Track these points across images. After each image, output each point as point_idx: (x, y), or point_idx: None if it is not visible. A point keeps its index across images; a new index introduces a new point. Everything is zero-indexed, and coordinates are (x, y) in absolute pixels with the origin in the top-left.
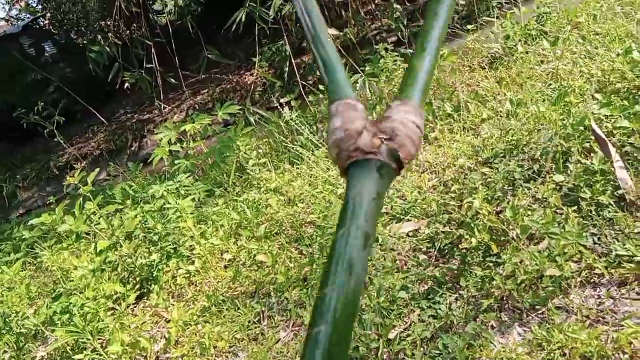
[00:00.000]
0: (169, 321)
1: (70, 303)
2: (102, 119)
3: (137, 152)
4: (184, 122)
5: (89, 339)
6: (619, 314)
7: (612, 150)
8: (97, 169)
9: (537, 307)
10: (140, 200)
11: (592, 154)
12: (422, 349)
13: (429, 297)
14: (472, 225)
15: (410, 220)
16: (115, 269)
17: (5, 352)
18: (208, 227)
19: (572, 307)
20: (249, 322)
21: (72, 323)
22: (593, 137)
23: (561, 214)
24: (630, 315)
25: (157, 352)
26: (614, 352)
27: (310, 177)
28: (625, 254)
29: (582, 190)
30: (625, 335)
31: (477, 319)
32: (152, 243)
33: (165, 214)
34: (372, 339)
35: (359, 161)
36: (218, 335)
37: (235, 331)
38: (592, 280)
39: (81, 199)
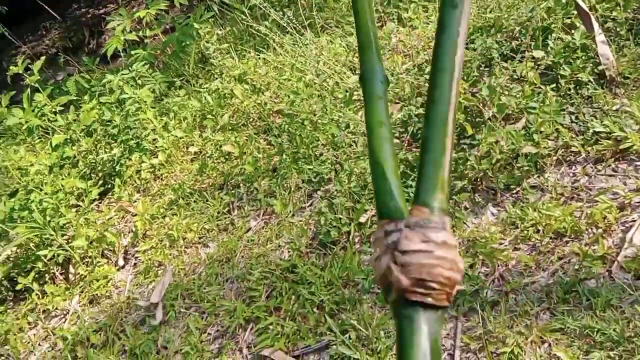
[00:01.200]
0: (135, 215)
1: (29, 199)
2: (56, 15)
3: (96, 49)
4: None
5: (52, 235)
6: (593, 190)
7: (595, 24)
8: (43, 58)
9: (511, 187)
10: (96, 93)
11: (573, 30)
12: None
13: (402, 180)
14: None
15: None
16: (76, 165)
17: None
18: (170, 120)
19: (547, 186)
20: (218, 213)
21: (32, 219)
22: (575, 11)
23: (539, 92)
24: (605, 191)
25: (126, 246)
26: (588, 227)
27: (278, 63)
28: (603, 131)
29: (561, 67)
30: (600, 211)
31: (451, 201)
32: (112, 137)
33: (124, 107)
34: (344, 222)
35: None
36: (187, 227)
37: (205, 222)
38: (568, 158)
39: (29, 90)
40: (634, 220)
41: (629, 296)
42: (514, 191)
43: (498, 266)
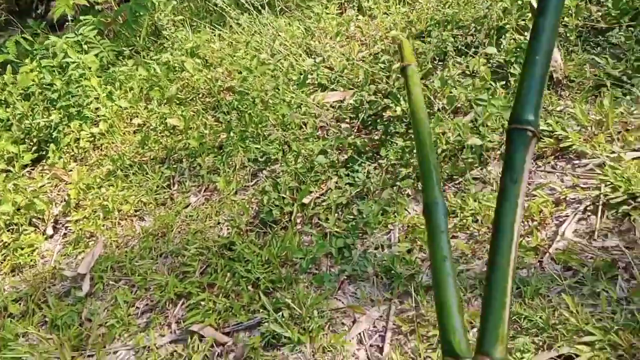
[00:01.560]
0: (69, 184)
1: None
2: None
3: (44, 15)
4: None
5: None
6: (532, 185)
7: None
8: None
9: (454, 177)
10: (38, 56)
11: (526, 32)
12: (336, 214)
13: (348, 165)
14: (399, 95)
15: (336, 90)
16: (9, 129)
17: None
18: (115, 89)
19: (489, 178)
20: (157, 186)
21: None
22: (530, 14)
23: (489, 88)
24: (543, 186)
25: (56, 215)
26: (524, 220)
27: (233, 40)
28: (545, 129)
29: (512, 66)
30: (537, 204)
31: (394, 187)
32: (51, 102)
33: (66, 71)
34: (287, 202)
35: None
36: (123, 198)
37: (142, 195)
38: None
39: None
40: (568, 216)
41: (557, 286)
42: (457, 182)
43: None
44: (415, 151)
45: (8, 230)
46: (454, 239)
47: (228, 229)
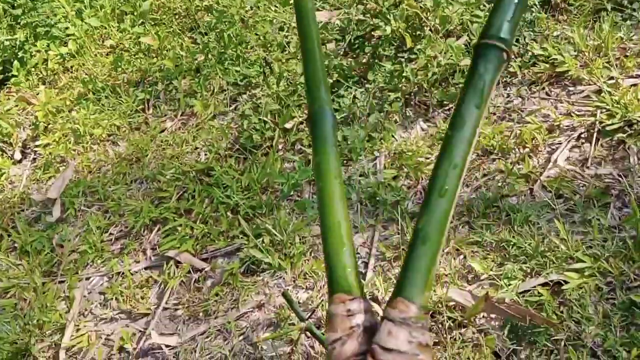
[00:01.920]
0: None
1: None
2: None
3: None
4: None
5: None
6: (525, 112)
7: None
8: None
9: (444, 103)
10: None
11: None
12: None
13: (333, 90)
14: (389, 14)
15: (323, 10)
16: None
17: None
18: (85, 7)
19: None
20: (131, 110)
21: None
22: None
23: (483, 10)
24: (536, 111)
25: (25, 140)
26: (516, 147)
27: None
28: (541, 54)
29: None
30: (529, 131)
31: (382, 112)
32: (14, 19)
33: None
34: (268, 127)
35: None
36: (95, 122)
37: (115, 119)
38: (504, 79)
39: None
40: (560, 143)
41: (547, 214)
42: (447, 107)
43: (422, 179)
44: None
45: None
46: None
47: (206, 154)
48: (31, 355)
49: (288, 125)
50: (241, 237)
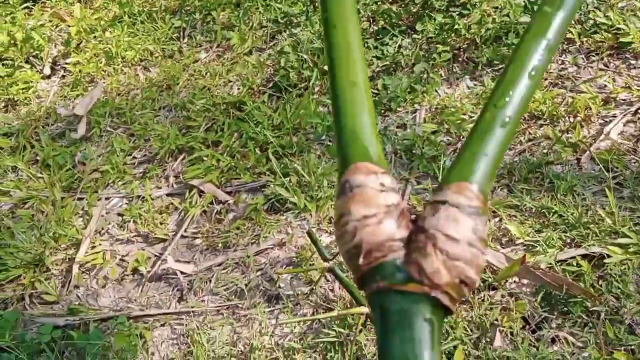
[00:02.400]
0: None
1: None
2: None
3: None
4: None
5: None
6: (579, 80)
7: None
8: None
9: (494, 62)
10: None
11: None
12: None
13: (378, 37)
14: None
15: None
16: None
17: None
18: None
19: None
20: (166, 37)
21: None
22: None
23: None
24: (591, 81)
25: (55, 56)
26: (566, 114)
27: None
28: (604, 23)
29: None
30: (583, 99)
31: (428, 63)
32: None
33: None
34: (306, 66)
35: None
36: (128, 45)
37: (149, 44)
38: (561, 46)
39: None
40: (615, 116)
41: (593, 185)
42: (496, 67)
43: (462, 137)
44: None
45: (3, 64)
46: None
47: (239, 88)
48: (44, 265)
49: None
50: (268, 175)
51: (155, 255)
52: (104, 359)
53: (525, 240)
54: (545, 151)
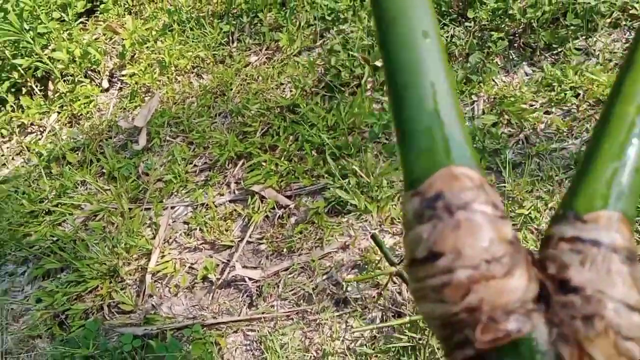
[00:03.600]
0: (124, 40)
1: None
2: None
3: None
4: None
5: (30, 44)
6: None
7: None
8: None
9: (553, 46)
10: None
11: None
12: None
13: None
14: None
15: None
16: None
17: None
18: None
19: (594, 50)
20: (215, 43)
21: (6, 21)
22: None
23: None
24: None
25: (112, 69)
26: None
27: None
28: None
29: None
30: None
31: (483, 51)
32: None
33: None
34: (357, 64)
35: None
36: (180, 53)
37: (200, 51)
38: (623, 23)
39: None
40: None
41: None
42: (555, 52)
43: (525, 128)
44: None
45: (64, 81)
46: (548, 115)
47: (291, 90)
48: (119, 276)
49: (379, 63)
50: (326, 177)
51: (223, 262)
52: None
53: None
54: None
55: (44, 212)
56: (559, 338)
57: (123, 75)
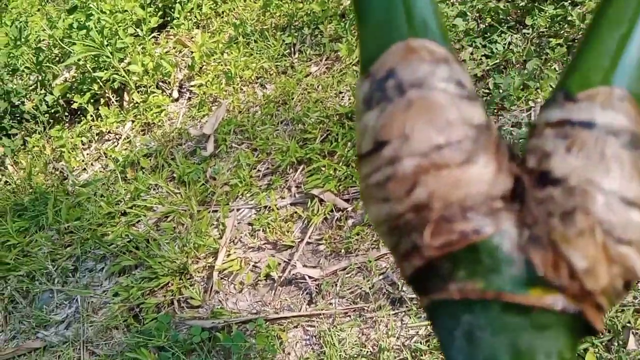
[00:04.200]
0: (193, 52)
1: (88, 16)
2: None
3: None
4: None
5: (109, 57)
6: None
7: None
8: None
9: None
10: None
11: None
12: None
13: (486, 35)
14: None
15: None
16: None
17: (26, 67)
18: None
19: None
20: (278, 54)
21: (89, 38)
22: None
23: None
24: None
25: (181, 80)
26: None
27: None
28: None
29: None
30: None
31: (541, 58)
32: None
33: None
34: None
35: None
36: (245, 64)
37: (263, 62)
38: None
39: None
40: None
41: None
42: None
43: None
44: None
45: (138, 92)
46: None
47: (350, 98)
48: (188, 273)
49: None
50: None
51: (285, 261)
52: (247, 358)
53: None
54: None
55: (120, 213)
56: (530, 241)
57: (192, 86)
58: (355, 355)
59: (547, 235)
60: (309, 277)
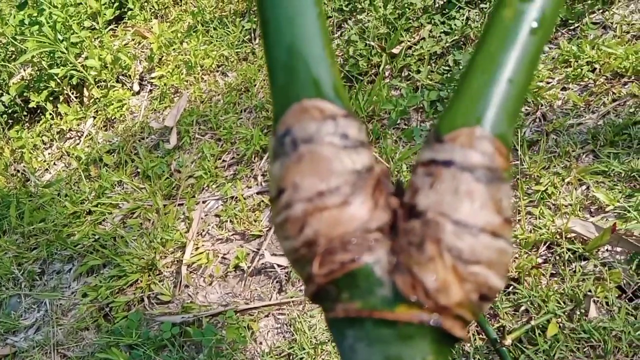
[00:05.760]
0: (152, 44)
1: (40, 11)
2: None
3: None
4: None
5: (64, 53)
6: None
7: None
8: None
9: (569, 22)
10: None
11: None
12: (429, 65)
13: (444, 11)
14: None
15: None
16: None
17: None
18: None
19: (612, 23)
20: (238, 41)
21: (41, 34)
22: None
23: None
24: None
25: (141, 72)
26: None
27: None
28: None
29: None
30: None
31: None
32: None
33: None
34: (375, 52)
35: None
36: (205, 53)
37: (224, 49)
38: None
39: None
40: None
41: None
42: (572, 27)
43: (541, 105)
44: None
45: (97, 87)
46: (564, 91)
47: None
48: (157, 269)
49: (395, 50)
50: None
51: (253, 251)
52: (218, 350)
53: (616, 207)
54: (631, 110)
55: (85, 212)
56: (396, 267)
57: (152, 78)
58: (326, 341)
59: (407, 261)
60: (278, 265)
